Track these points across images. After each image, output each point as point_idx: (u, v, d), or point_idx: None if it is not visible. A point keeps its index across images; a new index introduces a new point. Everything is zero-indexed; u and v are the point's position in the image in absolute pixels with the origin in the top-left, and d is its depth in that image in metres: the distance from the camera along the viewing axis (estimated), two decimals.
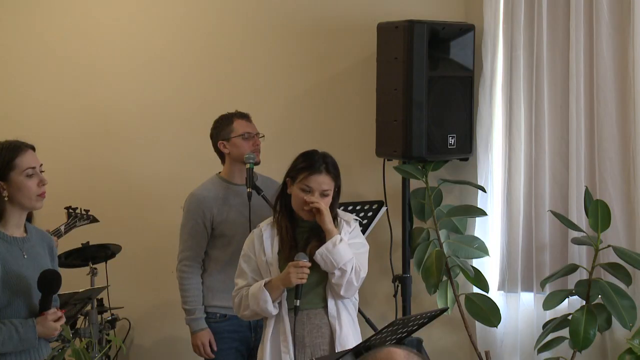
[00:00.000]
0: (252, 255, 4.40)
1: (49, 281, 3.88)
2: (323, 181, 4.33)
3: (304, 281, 4.24)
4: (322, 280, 4.34)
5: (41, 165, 3.97)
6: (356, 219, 4.48)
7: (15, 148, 3.91)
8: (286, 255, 4.32)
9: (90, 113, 6.47)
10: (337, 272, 4.26)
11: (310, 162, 4.36)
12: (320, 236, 4.32)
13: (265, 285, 4.29)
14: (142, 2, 6.41)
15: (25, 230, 3.99)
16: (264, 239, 4.38)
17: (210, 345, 5.09)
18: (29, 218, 4.06)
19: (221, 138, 5.11)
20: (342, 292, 4.30)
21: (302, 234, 4.37)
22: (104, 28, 6.44)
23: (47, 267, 4.00)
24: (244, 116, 5.17)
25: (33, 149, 3.98)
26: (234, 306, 4.46)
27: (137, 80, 6.38)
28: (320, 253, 4.25)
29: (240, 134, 5.10)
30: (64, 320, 3.94)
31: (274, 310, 4.32)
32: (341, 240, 4.28)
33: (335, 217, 4.39)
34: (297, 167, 4.37)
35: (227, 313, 5.00)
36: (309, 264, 4.24)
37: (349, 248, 4.29)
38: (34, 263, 3.94)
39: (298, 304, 4.26)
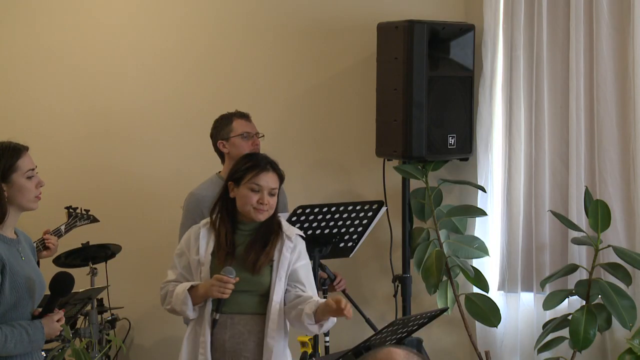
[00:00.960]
0: (186, 252, 4.36)
1: (64, 283, 3.89)
2: (271, 179, 4.27)
3: (226, 296, 4.17)
4: (255, 289, 4.26)
5: (36, 166, 3.97)
6: (300, 235, 4.38)
7: (16, 150, 3.91)
8: (222, 259, 4.24)
9: (90, 113, 6.47)
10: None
11: (256, 162, 4.30)
12: (262, 244, 4.25)
13: (189, 289, 4.24)
14: (142, 3, 6.41)
15: (14, 232, 3.99)
16: (200, 237, 4.32)
17: None
18: None
19: (221, 137, 5.11)
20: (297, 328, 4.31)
21: (242, 238, 4.29)
22: (104, 29, 6.44)
23: (37, 268, 3.99)
24: (244, 116, 5.17)
25: (28, 149, 3.97)
26: (160, 298, 4.42)
27: (136, 80, 6.38)
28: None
29: (239, 133, 5.10)
30: (64, 319, 3.95)
31: (192, 315, 4.27)
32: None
33: (279, 226, 4.31)
34: (242, 169, 4.29)
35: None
36: (234, 281, 4.16)
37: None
38: (30, 264, 3.94)
39: (217, 317, 4.21)
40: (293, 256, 4.27)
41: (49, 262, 5.33)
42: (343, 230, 5.00)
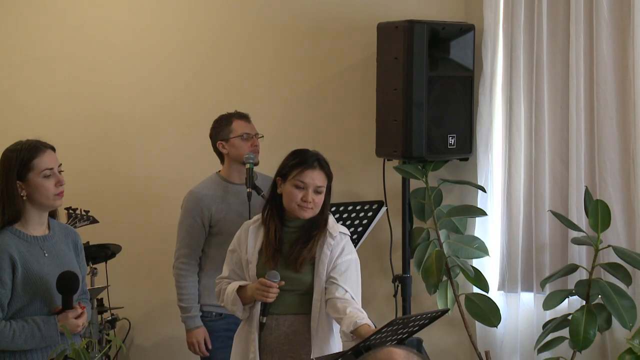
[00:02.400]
0: (237, 249, 4.38)
1: (66, 283, 3.93)
2: (317, 177, 4.25)
3: (270, 300, 4.18)
4: (297, 288, 4.27)
5: (60, 165, 4.01)
6: (344, 234, 4.35)
7: (34, 149, 3.96)
8: (269, 256, 4.25)
9: (90, 116, 6.46)
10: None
11: (303, 159, 4.29)
12: (305, 240, 4.25)
13: (238, 289, 4.26)
14: (143, 6, 6.40)
15: (49, 227, 4.03)
16: (249, 235, 4.33)
17: (205, 344, 5.10)
18: (53, 214, 4.10)
19: (220, 138, 5.11)
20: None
21: (288, 235, 4.30)
22: (105, 31, 6.43)
23: (71, 263, 4.04)
24: (243, 116, 5.16)
25: (53, 149, 4.02)
26: (215, 294, 4.48)
27: (136, 82, 6.37)
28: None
29: (239, 134, 5.09)
30: (86, 315, 4.00)
31: (242, 315, 4.31)
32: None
33: (325, 223, 4.30)
34: (289, 165, 4.30)
35: (222, 312, 4.98)
36: (277, 285, 4.16)
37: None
38: (56, 261, 3.99)
39: (264, 321, 4.21)
40: (335, 253, 4.25)
41: None
42: None
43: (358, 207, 5.04)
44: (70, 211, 5.59)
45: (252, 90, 6.06)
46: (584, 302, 5.12)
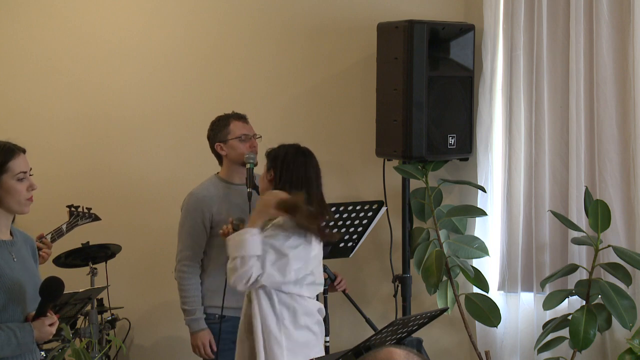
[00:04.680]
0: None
1: (53, 289, 3.84)
2: None
3: None
4: None
5: (30, 169, 3.93)
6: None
7: (9, 151, 3.86)
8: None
9: (90, 115, 6.46)
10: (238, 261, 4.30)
11: None
12: None
13: None
14: (143, 6, 6.40)
15: (11, 233, 3.95)
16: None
17: (210, 346, 5.09)
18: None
19: (218, 140, 5.09)
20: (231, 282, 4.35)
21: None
22: (106, 31, 6.43)
23: (34, 270, 3.97)
24: (241, 117, 5.14)
25: (24, 152, 3.93)
26: None
27: (136, 82, 6.37)
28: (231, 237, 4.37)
29: (237, 136, 5.07)
30: (57, 324, 3.91)
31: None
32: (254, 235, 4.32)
33: None
34: None
35: (225, 314, 4.98)
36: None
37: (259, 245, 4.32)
38: (23, 266, 3.90)
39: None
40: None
41: (48, 262, 5.32)
42: (343, 230, 5.00)
43: (358, 207, 5.03)
44: (72, 209, 5.58)
45: (252, 90, 6.06)
46: (584, 302, 5.12)
